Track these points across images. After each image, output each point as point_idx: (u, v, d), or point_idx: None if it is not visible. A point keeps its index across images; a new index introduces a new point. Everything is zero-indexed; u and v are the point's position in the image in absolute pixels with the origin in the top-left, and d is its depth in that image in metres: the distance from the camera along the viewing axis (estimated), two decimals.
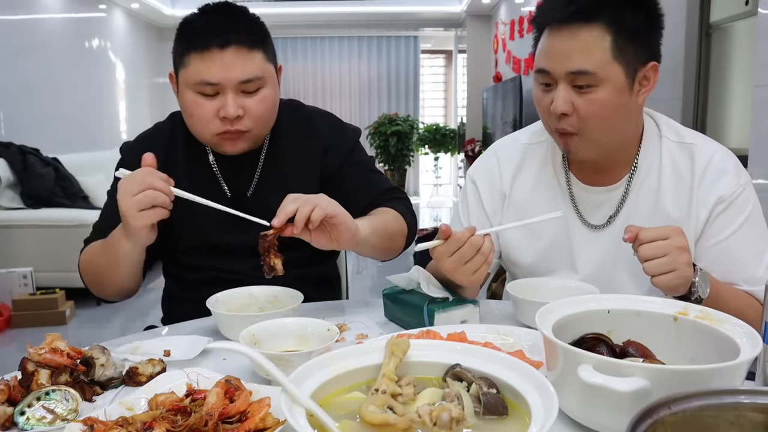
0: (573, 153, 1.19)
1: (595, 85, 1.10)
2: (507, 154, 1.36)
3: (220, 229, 1.36)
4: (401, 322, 1.18)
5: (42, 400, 0.82)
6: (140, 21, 8.03)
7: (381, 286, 1.25)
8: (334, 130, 1.45)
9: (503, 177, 1.35)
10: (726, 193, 1.18)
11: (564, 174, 1.29)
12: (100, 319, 4.22)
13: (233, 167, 1.39)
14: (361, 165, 1.45)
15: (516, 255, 1.35)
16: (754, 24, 2.57)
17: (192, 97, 1.25)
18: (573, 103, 1.12)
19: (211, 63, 1.22)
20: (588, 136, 1.14)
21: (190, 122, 1.30)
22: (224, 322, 1.13)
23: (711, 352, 0.80)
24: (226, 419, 0.73)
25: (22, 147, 4.70)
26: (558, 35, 1.11)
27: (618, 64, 1.10)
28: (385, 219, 1.33)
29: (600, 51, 1.09)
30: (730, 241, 1.18)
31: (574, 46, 1.10)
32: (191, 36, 1.24)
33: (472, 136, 8.16)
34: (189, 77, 1.24)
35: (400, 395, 0.69)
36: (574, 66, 1.09)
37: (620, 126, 1.16)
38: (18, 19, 5.33)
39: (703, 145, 1.23)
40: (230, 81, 1.22)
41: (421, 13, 8.95)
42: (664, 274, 1.01)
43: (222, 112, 1.24)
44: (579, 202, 1.28)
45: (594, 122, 1.12)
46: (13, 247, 4.32)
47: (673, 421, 0.56)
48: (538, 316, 0.83)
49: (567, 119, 1.13)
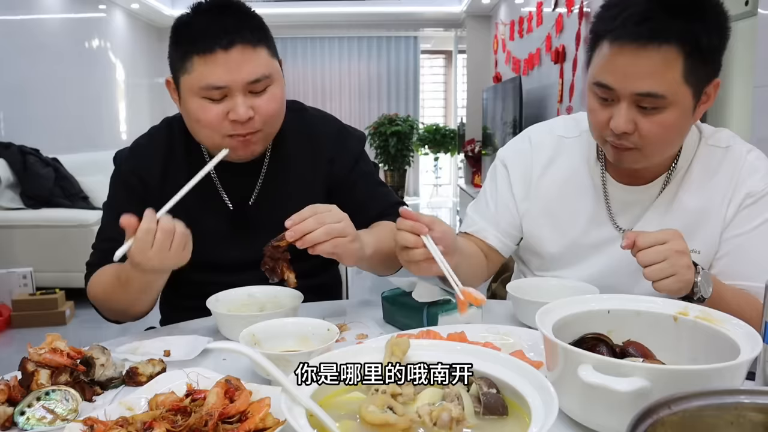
0: (625, 164, 1.16)
1: (663, 108, 1.06)
2: (541, 142, 1.34)
3: (217, 243, 1.30)
4: (400, 325, 1.17)
5: (42, 400, 0.82)
6: (140, 21, 8.03)
7: (381, 286, 1.25)
8: (338, 137, 1.40)
9: (534, 164, 1.33)
10: (755, 189, 1.19)
11: (600, 172, 1.28)
12: (100, 319, 4.16)
13: (234, 177, 1.33)
14: (368, 176, 1.42)
15: (538, 246, 1.34)
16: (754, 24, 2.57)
17: (198, 103, 1.18)
18: (635, 123, 1.08)
19: (215, 66, 1.15)
20: (645, 153, 1.12)
21: (196, 128, 1.23)
22: (224, 322, 1.13)
23: (711, 352, 0.80)
24: (226, 419, 0.73)
25: (22, 147, 4.70)
26: (627, 54, 1.05)
27: (688, 86, 1.06)
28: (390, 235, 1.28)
29: (671, 74, 1.04)
30: (751, 236, 1.18)
31: (644, 67, 1.04)
32: (191, 39, 1.17)
33: (472, 137, 8.16)
34: (193, 82, 1.17)
35: (400, 395, 0.69)
36: (642, 88, 1.05)
37: (677, 142, 1.17)
38: (18, 19, 5.33)
39: (739, 147, 1.23)
40: (238, 83, 1.16)
41: (421, 13, 8.94)
42: (665, 278, 1.01)
43: (232, 115, 1.17)
44: (612, 201, 1.27)
45: (655, 142, 1.10)
46: (13, 247, 4.32)
47: (673, 421, 0.56)
48: (538, 316, 0.83)
49: (627, 137, 1.10)
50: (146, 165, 1.33)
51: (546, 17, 5.21)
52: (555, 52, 4.82)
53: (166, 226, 1.03)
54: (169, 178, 1.31)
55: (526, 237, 1.37)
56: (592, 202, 1.28)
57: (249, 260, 1.16)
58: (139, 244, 1.02)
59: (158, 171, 1.32)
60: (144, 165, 1.33)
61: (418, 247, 1.04)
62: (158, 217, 1.03)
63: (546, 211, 1.32)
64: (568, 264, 1.31)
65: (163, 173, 1.32)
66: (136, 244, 1.02)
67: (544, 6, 5.25)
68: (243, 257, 1.24)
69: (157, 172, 1.32)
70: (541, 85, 5.43)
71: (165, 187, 1.26)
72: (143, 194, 1.30)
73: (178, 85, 1.23)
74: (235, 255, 1.30)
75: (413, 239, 1.04)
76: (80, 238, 4.24)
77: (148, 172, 1.32)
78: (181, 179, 1.20)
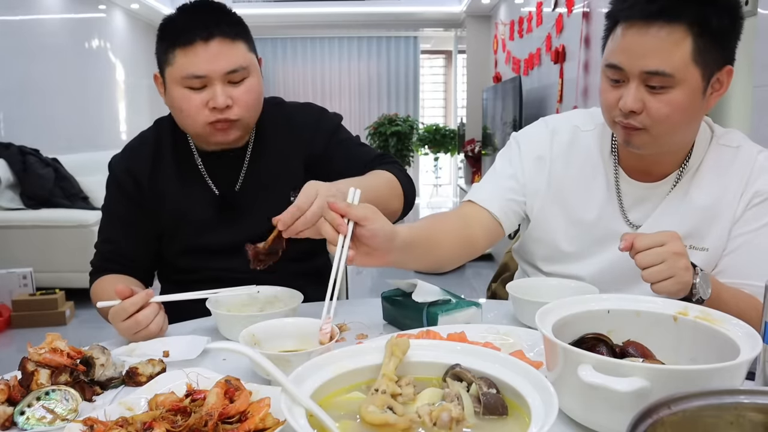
0: (634, 146, 1.16)
1: (670, 87, 1.07)
2: (558, 128, 1.34)
3: (208, 229, 1.38)
4: (400, 325, 1.17)
5: (42, 400, 0.82)
6: (140, 21, 8.02)
7: (381, 287, 1.25)
8: (315, 119, 1.47)
9: (551, 146, 1.32)
10: (763, 189, 1.19)
11: (613, 167, 1.28)
12: (100, 319, 4.16)
13: (219, 166, 1.41)
14: (345, 143, 1.46)
15: (549, 237, 1.33)
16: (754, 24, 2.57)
17: (180, 92, 1.28)
18: (644, 102, 1.09)
19: (195, 56, 1.25)
20: (654, 134, 1.12)
21: (180, 117, 1.32)
22: (224, 322, 1.13)
23: (711, 352, 0.80)
24: (226, 419, 0.73)
25: (22, 147, 4.70)
26: (636, 32, 1.07)
27: (696, 67, 1.07)
28: (376, 182, 1.32)
29: (680, 52, 1.05)
30: (757, 234, 1.18)
31: (653, 45, 1.06)
32: (175, 33, 1.27)
33: (472, 137, 8.15)
34: (176, 73, 1.27)
35: (400, 395, 0.69)
36: (650, 66, 1.06)
37: (686, 127, 1.15)
38: (18, 19, 5.33)
39: (750, 147, 1.23)
40: (216, 72, 1.25)
41: (421, 13, 8.94)
42: (664, 280, 1.01)
43: (212, 103, 1.26)
44: (624, 196, 1.27)
45: (663, 122, 1.10)
46: (13, 248, 4.32)
47: (673, 421, 0.56)
48: (538, 316, 0.83)
49: (635, 116, 1.11)
50: (138, 164, 1.40)
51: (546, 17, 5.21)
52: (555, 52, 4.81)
53: (141, 319, 1.08)
54: (159, 172, 1.39)
55: (534, 224, 1.35)
56: (604, 196, 1.28)
57: (238, 243, 1.20)
58: (115, 314, 1.09)
59: (148, 167, 1.39)
60: (136, 165, 1.40)
61: (334, 244, 0.98)
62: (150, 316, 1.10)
63: (558, 199, 1.31)
64: (577, 258, 1.31)
65: (153, 168, 1.39)
66: (114, 311, 1.10)
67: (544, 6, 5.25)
68: (233, 241, 1.31)
69: (148, 169, 1.39)
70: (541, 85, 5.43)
71: (156, 182, 1.38)
72: (137, 195, 1.39)
73: (164, 78, 1.32)
74: (224, 240, 1.37)
75: (332, 235, 0.99)
76: (80, 239, 4.24)
77: (140, 171, 1.39)
78: (169, 172, 1.38)
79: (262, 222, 1.17)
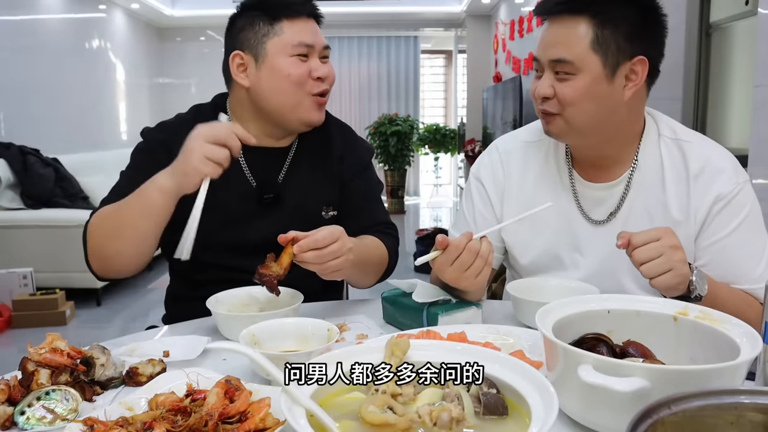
0: (554, 134, 1.24)
1: (573, 74, 1.16)
2: (509, 150, 1.39)
3: (228, 225, 1.36)
4: (400, 326, 1.17)
5: (42, 400, 0.82)
6: (140, 21, 8.02)
7: (381, 287, 1.25)
8: (347, 139, 1.51)
9: (507, 173, 1.37)
10: (724, 191, 1.19)
11: (567, 171, 1.31)
12: (100, 319, 4.22)
13: (259, 159, 1.41)
14: (371, 189, 1.51)
15: (519, 252, 1.35)
16: (754, 24, 2.57)
17: (289, 61, 1.34)
18: (554, 88, 1.18)
19: (303, 27, 1.35)
20: (566, 119, 1.19)
21: (285, 86, 1.34)
22: (224, 322, 1.13)
23: (711, 352, 0.80)
24: (226, 419, 0.73)
25: (22, 147, 4.70)
26: (548, 26, 1.20)
27: (596, 55, 1.14)
28: (369, 248, 1.35)
29: (580, 42, 1.14)
30: (729, 240, 1.18)
31: (559, 36, 1.17)
32: (281, 6, 1.35)
33: (472, 136, 8.16)
34: (286, 41, 1.33)
35: (400, 395, 0.69)
36: (554, 54, 1.17)
37: (602, 115, 1.18)
38: (18, 19, 5.33)
39: (701, 144, 1.24)
40: (319, 44, 1.37)
41: (421, 13, 8.94)
42: (662, 274, 1.01)
43: (314, 73, 1.34)
44: (581, 198, 1.29)
45: (571, 107, 1.17)
46: (13, 248, 4.32)
47: (673, 421, 0.56)
48: (538, 316, 0.83)
49: (548, 102, 1.19)
50: (174, 139, 1.31)
51: None
52: None
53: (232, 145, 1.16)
54: None
55: (508, 247, 1.38)
56: (563, 202, 1.30)
57: (255, 241, 1.28)
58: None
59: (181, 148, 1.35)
60: (172, 138, 1.32)
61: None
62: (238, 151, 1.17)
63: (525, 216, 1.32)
64: (550, 267, 1.32)
65: None
66: (209, 126, 1.18)
67: None
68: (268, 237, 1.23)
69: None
70: None
71: None
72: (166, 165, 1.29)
73: (260, 53, 1.35)
74: (244, 236, 1.37)
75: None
76: (80, 239, 4.23)
77: (175, 145, 1.29)
78: None
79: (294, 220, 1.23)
